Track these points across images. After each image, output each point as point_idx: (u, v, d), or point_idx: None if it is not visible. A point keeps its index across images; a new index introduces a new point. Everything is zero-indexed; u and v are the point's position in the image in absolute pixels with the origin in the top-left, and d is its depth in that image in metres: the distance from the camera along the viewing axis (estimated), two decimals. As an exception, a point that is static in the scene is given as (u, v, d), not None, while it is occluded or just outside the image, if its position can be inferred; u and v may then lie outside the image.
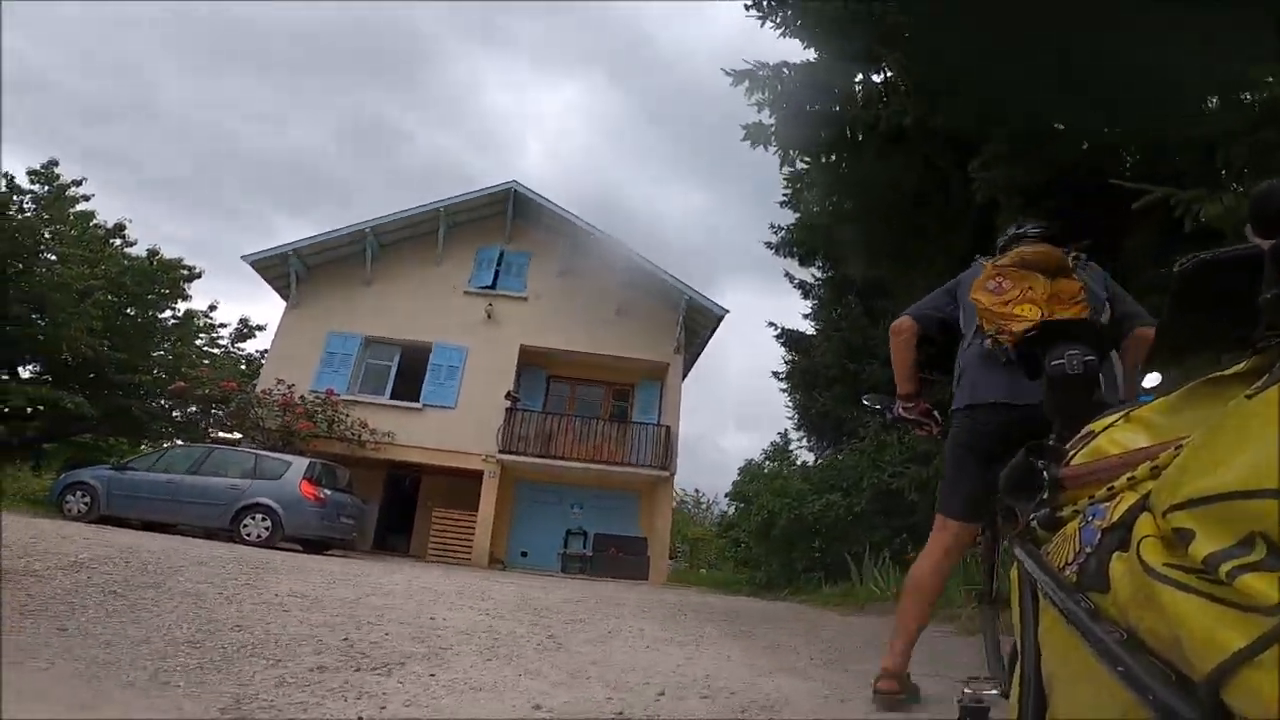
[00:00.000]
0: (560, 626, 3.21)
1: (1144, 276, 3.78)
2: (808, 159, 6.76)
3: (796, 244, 11.41)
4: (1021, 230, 2.17)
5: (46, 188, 12.43)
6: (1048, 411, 1.22)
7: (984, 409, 1.90)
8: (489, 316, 13.63)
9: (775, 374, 16.18)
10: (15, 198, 11.68)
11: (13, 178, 12.19)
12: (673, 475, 13.51)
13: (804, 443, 14.87)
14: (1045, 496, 0.75)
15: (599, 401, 15.07)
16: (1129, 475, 0.58)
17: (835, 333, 11.27)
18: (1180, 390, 0.61)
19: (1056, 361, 1.25)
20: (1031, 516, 0.77)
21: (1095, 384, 1.28)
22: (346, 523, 9.47)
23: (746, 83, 5.05)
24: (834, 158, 5.86)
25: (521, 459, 12.76)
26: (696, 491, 31.84)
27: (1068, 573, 0.61)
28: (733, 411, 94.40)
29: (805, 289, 15.31)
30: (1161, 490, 0.50)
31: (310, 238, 12.94)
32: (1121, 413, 0.71)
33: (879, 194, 6.35)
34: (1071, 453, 0.75)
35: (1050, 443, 0.85)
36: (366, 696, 1.36)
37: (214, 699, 1.28)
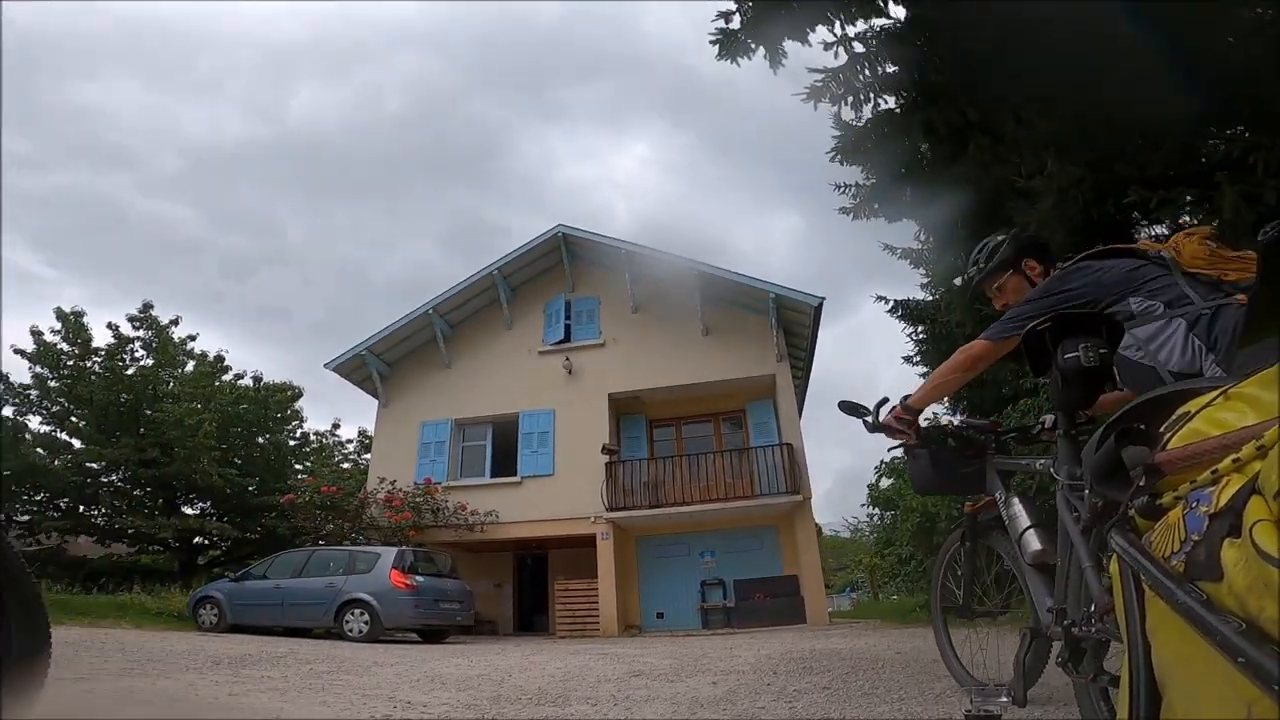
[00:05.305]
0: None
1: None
2: (817, 70, 5.47)
3: (873, 194, 9.70)
4: (1030, 235, 2.14)
5: (149, 331, 13.91)
6: (1056, 405, 1.40)
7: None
8: (569, 372, 12.98)
9: (906, 359, 14.03)
10: (127, 346, 13.19)
11: (118, 327, 13.67)
12: (808, 499, 11.65)
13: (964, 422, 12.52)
14: (1142, 483, 0.72)
15: (709, 435, 13.71)
16: (1233, 457, 0.56)
17: (955, 279, 9.19)
18: None
19: (1070, 354, 1.23)
20: (1128, 504, 0.74)
21: (1109, 377, 1.29)
22: (449, 608, 8.85)
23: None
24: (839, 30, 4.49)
25: (633, 514, 11.64)
26: (869, 516, 28.67)
27: (1174, 563, 0.60)
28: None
29: (913, 257, 13.30)
30: (1272, 471, 0.48)
31: (378, 333, 13.16)
32: (1220, 390, 0.67)
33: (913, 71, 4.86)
34: (1167, 436, 0.72)
35: (1138, 426, 0.82)
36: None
37: None
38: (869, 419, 2.02)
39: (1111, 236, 5.20)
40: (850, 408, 2.10)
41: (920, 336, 12.36)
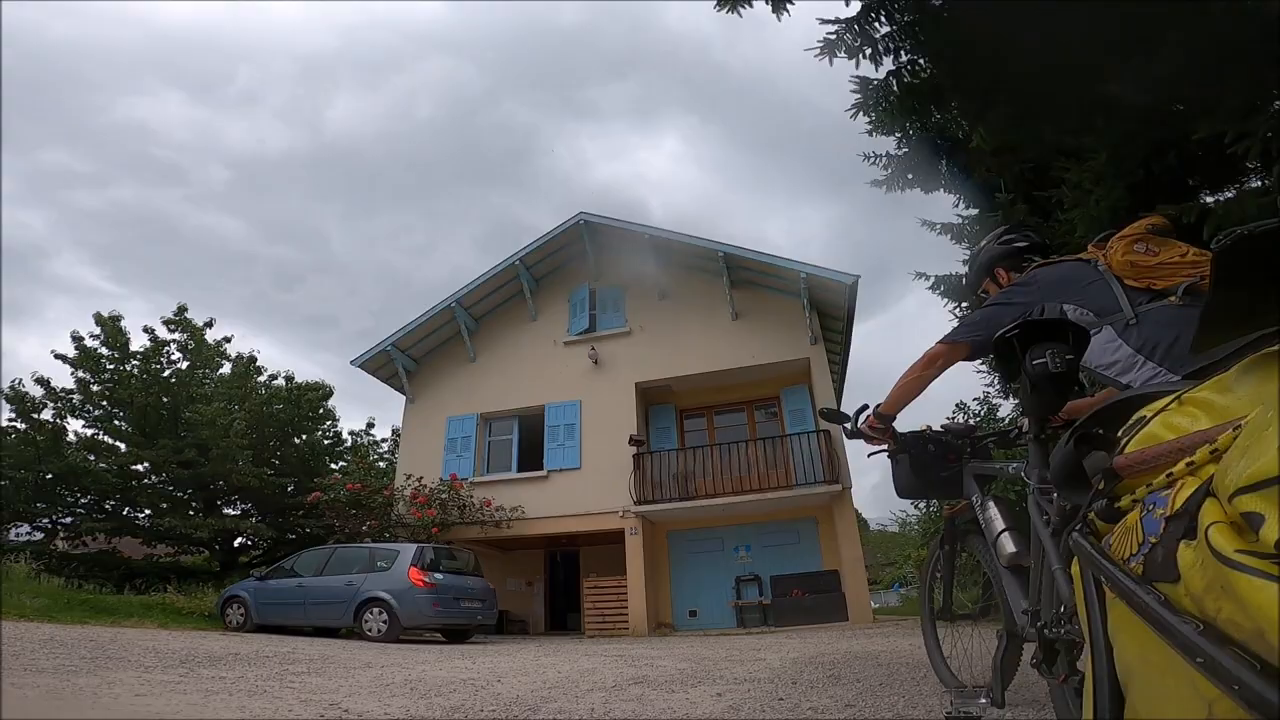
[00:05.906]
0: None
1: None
2: (829, 21, 4.98)
3: (905, 164, 8.97)
4: (1012, 237, 2.12)
5: (186, 334, 14.19)
6: (1026, 410, 1.41)
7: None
8: (595, 362, 12.62)
9: (950, 342, 13.21)
10: (163, 349, 13.52)
11: (153, 330, 13.88)
12: (848, 489, 11.00)
13: (1019, 409, 11.65)
14: (1101, 487, 0.73)
15: (742, 424, 13.15)
16: (1187, 460, 0.56)
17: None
18: (1234, 368, 0.59)
19: (1038, 360, 1.25)
20: (1087, 508, 0.75)
21: (1076, 382, 1.28)
22: (470, 607, 8.56)
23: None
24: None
25: (663, 507, 11.19)
26: (915, 505, 27.42)
27: (1132, 564, 0.60)
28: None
29: (953, 231, 12.49)
30: (1225, 473, 0.49)
31: (403, 328, 13.03)
32: (1174, 395, 0.68)
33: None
34: (1124, 440, 0.73)
35: (1096, 431, 0.82)
36: None
37: None
38: (847, 426, 2.04)
39: (1170, 198, 4.56)
40: (830, 414, 2.14)
41: (965, 312, 11.58)
